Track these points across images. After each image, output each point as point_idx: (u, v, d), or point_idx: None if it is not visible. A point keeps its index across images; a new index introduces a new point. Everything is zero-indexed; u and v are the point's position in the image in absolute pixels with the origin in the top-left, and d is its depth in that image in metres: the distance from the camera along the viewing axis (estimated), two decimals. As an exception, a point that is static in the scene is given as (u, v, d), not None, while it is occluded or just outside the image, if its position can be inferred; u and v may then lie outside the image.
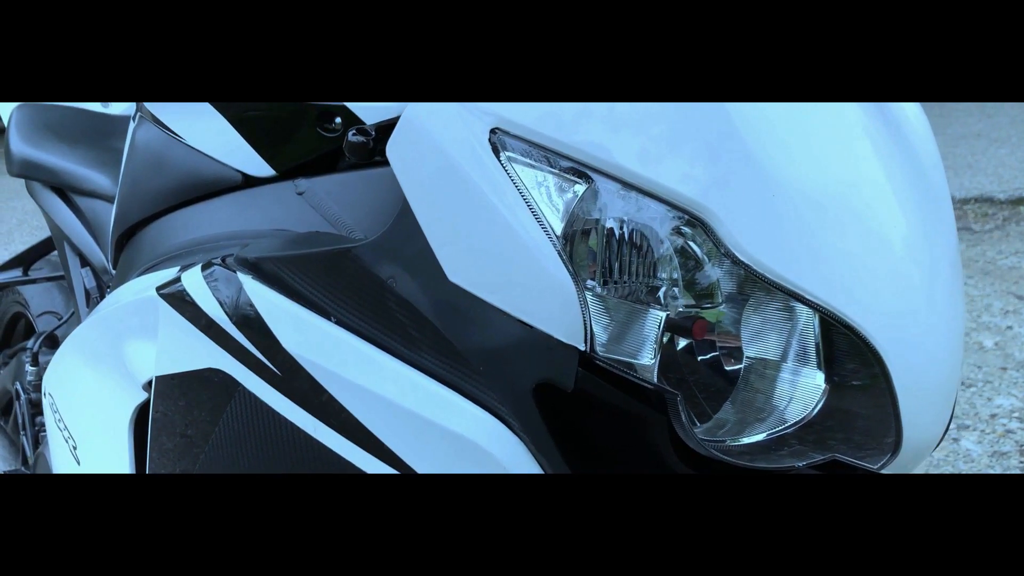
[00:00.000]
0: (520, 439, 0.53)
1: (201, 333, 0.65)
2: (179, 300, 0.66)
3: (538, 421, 0.51)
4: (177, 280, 0.67)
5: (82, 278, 1.24)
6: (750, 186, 0.51)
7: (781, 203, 0.51)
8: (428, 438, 0.54)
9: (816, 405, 0.56)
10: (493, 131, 0.51)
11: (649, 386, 0.51)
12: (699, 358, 0.57)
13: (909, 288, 0.55)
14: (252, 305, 0.61)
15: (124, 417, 0.78)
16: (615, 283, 0.51)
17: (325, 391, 0.58)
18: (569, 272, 0.49)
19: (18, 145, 1.34)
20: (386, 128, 0.57)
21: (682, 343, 0.57)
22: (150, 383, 0.72)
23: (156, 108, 0.87)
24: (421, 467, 0.55)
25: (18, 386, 1.34)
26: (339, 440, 0.58)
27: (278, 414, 0.61)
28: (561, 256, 0.49)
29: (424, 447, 0.55)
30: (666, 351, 0.55)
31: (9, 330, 1.64)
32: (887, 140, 0.59)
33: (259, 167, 0.76)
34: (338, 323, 0.58)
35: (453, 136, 0.51)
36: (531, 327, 0.50)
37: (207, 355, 0.65)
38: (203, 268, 0.65)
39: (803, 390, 0.57)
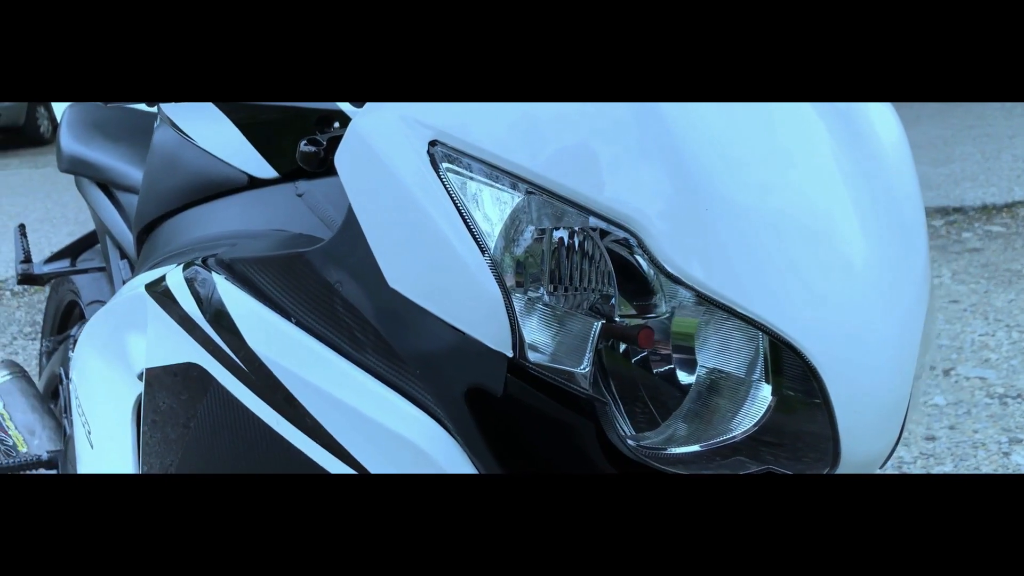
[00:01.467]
0: (456, 440, 0.54)
1: (181, 329, 0.68)
2: (163, 297, 0.70)
3: (470, 424, 0.53)
4: (163, 278, 0.71)
5: (120, 270, 1.30)
6: (682, 198, 0.51)
7: (715, 215, 0.51)
8: (373, 436, 0.56)
9: (761, 418, 0.56)
10: (432, 143, 0.52)
11: (581, 393, 0.52)
12: (655, 368, 0.58)
13: (852, 305, 0.54)
14: (223, 304, 0.64)
15: (127, 406, 0.82)
16: (548, 293, 0.52)
17: (284, 388, 0.60)
18: (497, 281, 0.50)
19: (68, 143, 1.41)
20: (338, 139, 0.59)
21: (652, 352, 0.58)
22: (143, 374, 0.76)
23: (171, 110, 0.91)
24: (370, 464, 0.57)
25: (62, 370, 1.42)
26: (299, 436, 0.61)
27: (247, 409, 0.64)
28: (490, 265, 0.51)
29: (370, 445, 0.57)
30: (613, 359, 0.56)
31: (65, 317, 1.73)
32: (843, 146, 0.58)
33: (263, 169, 0.80)
34: (297, 324, 0.60)
35: (394, 148, 0.53)
36: (463, 333, 0.52)
37: (186, 350, 0.68)
38: (184, 268, 0.69)
39: (750, 402, 0.57)
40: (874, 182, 0.58)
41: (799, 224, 0.54)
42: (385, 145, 0.54)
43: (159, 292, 0.72)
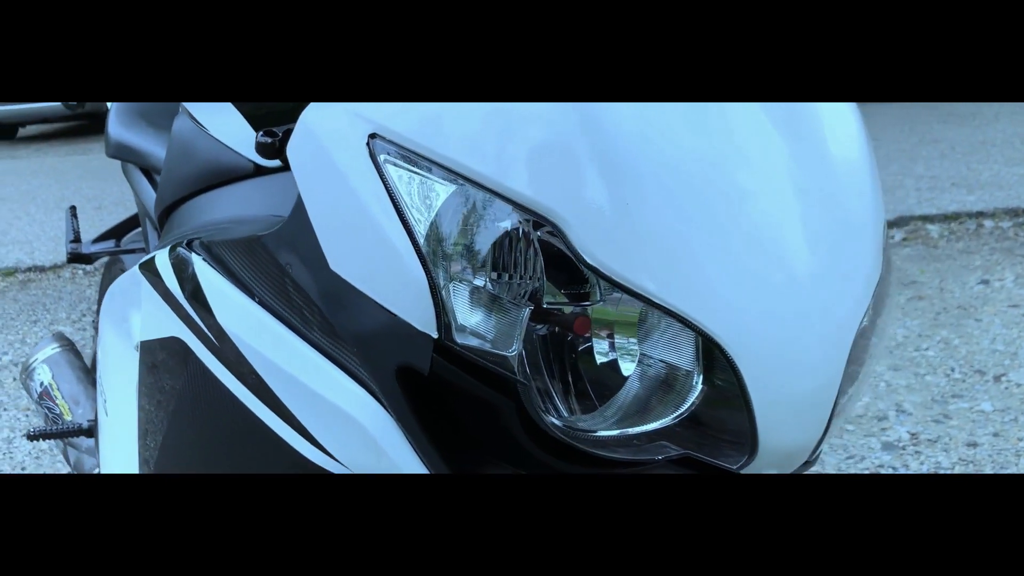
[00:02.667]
0: (391, 416, 0.57)
1: (166, 305, 0.73)
2: (152, 275, 0.75)
3: (401, 400, 0.56)
4: (153, 258, 0.76)
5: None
6: (604, 193, 0.53)
7: (637, 210, 0.53)
8: (319, 409, 0.60)
9: (689, 406, 0.58)
10: (372, 136, 0.55)
11: (504, 375, 0.54)
12: (600, 356, 0.60)
13: (775, 300, 0.55)
14: (199, 283, 0.69)
15: (131, 376, 0.88)
16: (478, 279, 0.55)
17: (248, 362, 0.64)
18: (423, 267, 0.53)
19: (115, 129, 1.49)
20: (291, 131, 0.62)
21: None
22: (139, 346, 0.82)
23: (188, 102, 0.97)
24: (317, 434, 0.61)
25: None
26: (260, 406, 0.65)
27: (218, 380, 0.68)
28: (417, 252, 0.54)
29: (317, 417, 0.61)
30: (555, 345, 0.58)
31: (116, 295, 1.83)
32: (784, 145, 0.59)
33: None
34: (260, 302, 0.64)
35: (337, 140, 0.56)
36: (394, 315, 0.55)
37: (170, 325, 0.73)
38: (170, 250, 0.74)
39: (684, 392, 0.58)
40: (816, 182, 0.59)
41: (724, 220, 0.55)
42: (329, 137, 0.57)
43: (149, 271, 0.77)
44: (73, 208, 1.67)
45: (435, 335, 0.54)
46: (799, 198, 0.58)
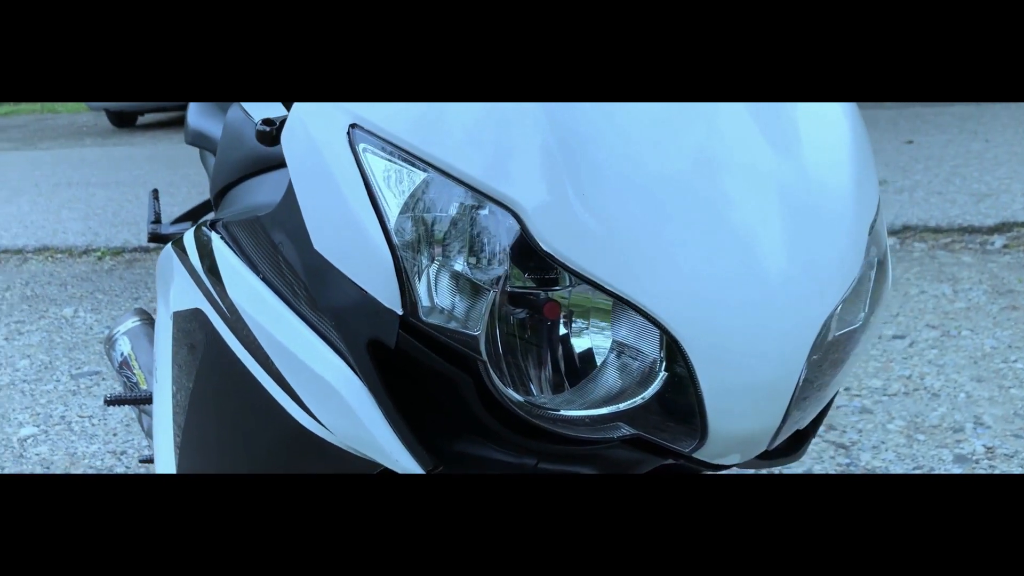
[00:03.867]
0: (364, 386, 0.61)
1: (190, 278, 0.79)
2: (181, 251, 0.81)
3: (372, 372, 0.59)
4: (182, 236, 0.82)
5: None
6: (563, 186, 0.55)
7: (596, 203, 0.55)
8: (306, 378, 0.64)
9: (652, 392, 0.59)
10: (352, 126, 0.59)
11: (467, 352, 0.57)
12: (573, 338, 0.62)
13: (728, 290, 0.56)
14: (215, 260, 0.74)
15: (169, 344, 0.95)
16: (443, 262, 0.57)
17: (252, 333, 0.69)
18: (390, 248, 0.57)
19: (193, 119, 1.59)
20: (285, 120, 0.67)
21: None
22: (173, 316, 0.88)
23: None
24: (308, 403, 0.65)
25: None
26: (262, 374, 0.69)
27: (230, 349, 0.73)
28: (385, 234, 0.57)
29: (306, 386, 0.65)
30: (530, 326, 0.60)
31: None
32: (752, 141, 0.59)
33: None
34: (262, 278, 0.69)
35: (322, 129, 0.60)
36: (365, 292, 0.58)
37: (193, 297, 0.79)
38: (196, 228, 0.80)
39: (648, 377, 0.60)
40: (784, 179, 0.59)
41: (681, 213, 0.56)
42: (316, 127, 0.61)
43: (179, 248, 0.83)
44: (155, 191, 1.78)
45: (400, 312, 0.57)
46: (763, 193, 0.58)
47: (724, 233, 0.57)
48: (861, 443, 2.20)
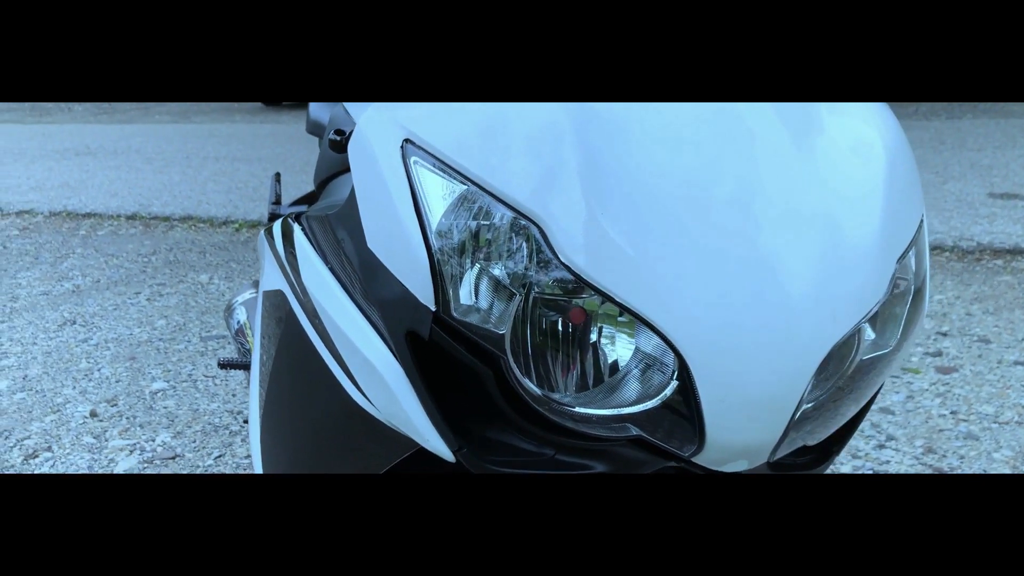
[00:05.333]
0: (403, 371, 0.68)
1: (275, 262, 0.88)
2: (270, 238, 0.91)
3: (408, 359, 0.66)
4: (272, 225, 0.92)
5: None
6: (583, 202, 0.60)
7: (613, 219, 0.59)
8: (359, 361, 0.72)
9: (663, 399, 0.63)
10: (406, 141, 0.66)
11: (490, 348, 0.63)
12: (601, 344, 0.66)
13: (736, 309, 0.59)
14: (295, 248, 0.83)
15: (259, 322, 1.05)
16: (475, 266, 0.63)
17: (319, 316, 0.77)
18: (427, 250, 0.63)
19: (314, 109, 1.71)
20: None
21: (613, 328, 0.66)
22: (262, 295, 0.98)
23: None
24: (360, 382, 0.73)
25: None
26: (326, 352, 0.77)
27: (302, 329, 0.82)
28: (424, 237, 0.63)
29: (359, 368, 0.72)
30: (559, 329, 0.66)
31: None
32: (777, 160, 0.62)
33: None
34: (330, 268, 0.77)
35: (380, 143, 0.67)
36: (405, 288, 0.65)
37: (276, 279, 0.88)
38: (283, 220, 0.89)
39: (660, 384, 0.64)
40: (806, 200, 0.61)
41: (697, 233, 0.59)
42: (376, 140, 0.68)
43: (269, 235, 0.93)
44: (277, 175, 1.92)
45: (433, 308, 0.63)
46: (787, 221, 0.61)
47: (739, 257, 0.60)
48: (961, 469, 2.12)
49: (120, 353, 3.06)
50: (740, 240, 0.60)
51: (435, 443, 0.67)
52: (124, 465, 2.27)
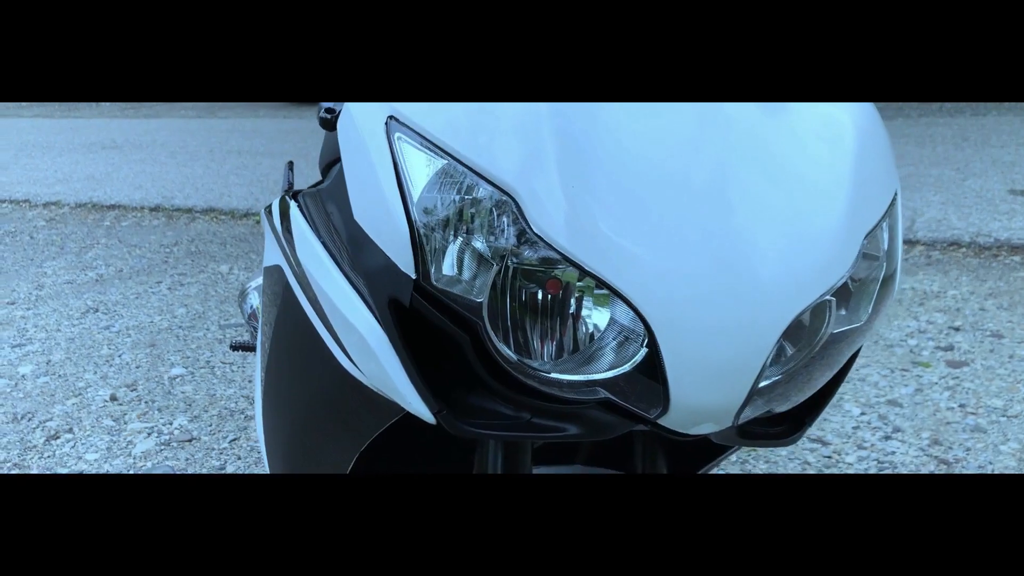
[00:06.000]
0: (387, 337, 0.71)
1: (274, 239, 0.92)
2: (269, 216, 0.95)
3: (392, 326, 0.69)
4: (271, 204, 0.95)
5: None
6: (557, 176, 0.63)
7: (582, 191, 0.62)
8: (347, 328, 0.75)
9: (632, 365, 0.66)
10: (390, 118, 0.69)
11: (467, 315, 0.66)
12: (581, 312, 0.69)
13: (700, 279, 0.61)
14: (291, 224, 0.87)
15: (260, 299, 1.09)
16: (453, 236, 0.66)
17: (311, 288, 0.81)
18: (408, 221, 0.66)
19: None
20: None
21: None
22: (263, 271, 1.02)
23: None
24: (349, 349, 0.76)
25: None
26: (318, 322, 0.81)
27: (297, 301, 0.86)
28: (406, 209, 0.66)
29: (347, 335, 0.76)
30: (531, 298, 0.68)
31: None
32: (746, 143, 0.64)
33: None
34: (321, 242, 0.81)
35: (366, 120, 0.71)
36: (388, 257, 0.68)
37: (275, 255, 0.92)
38: (281, 198, 0.93)
39: (630, 351, 0.67)
40: (771, 178, 0.64)
41: (665, 208, 0.62)
42: (362, 117, 0.71)
43: (268, 213, 0.97)
44: (290, 163, 1.96)
45: (413, 276, 0.67)
46: (752, 195, 0.63)
47: (706, 230, 0.62)
48: (967, 461, 2.13)
49: (141, 340, 3.12)
50: (708, 214, 0.62)
51: (417, 406, 0.70)
52: (142, 447, 2.33)
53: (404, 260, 0.67)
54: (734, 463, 2.17)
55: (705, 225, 0.62)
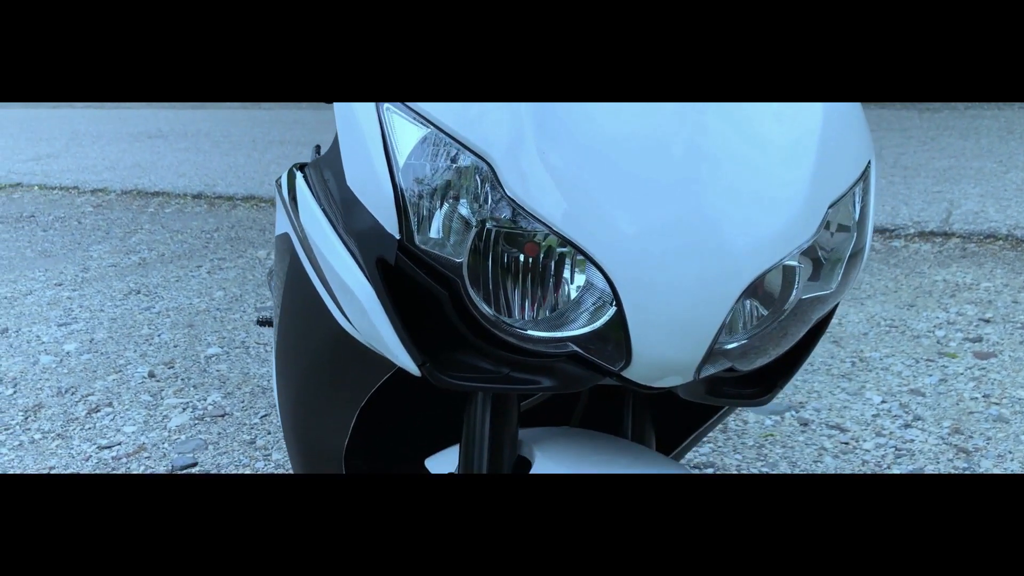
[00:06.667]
0: (375, 294, 0.76)
1: (283, 209, 0.98)
2: (279, 187, 1.00)
3: (380, 283, 0.74)
4: (281, 176, 1.01)
5: None
6: (533, 143, 0.66)
7: (554, 157, 0.66)
8: (340, 287, 0.80)
9: (601, 323, 0.70)
10: None
11: (447, 273, 0.71)
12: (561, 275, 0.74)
13: (663, 241, 0.65)
14: (296, 193, 0.92)
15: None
16: (435, 200, 0.71)
17: (312, 251, 0.86)
18: (393, 185, 0.71)
19: None
20: None
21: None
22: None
23: None
24: (344, 308, 0.81)
25: None
26: (318, 283, 0.86)
27: (302, 266, 0.91)
28: (391, 174, 0.71)
29: (342, 294, 0.81)
30: (511, 260, 0.72)
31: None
32: (706, 120, 0.68)
33: None
34: (320, 207, 0.86)
35: None
36: (375, 219, 0.73)
37: (284, 223, 0.97)
38: (289, 170, 0.98)
39: (600, 310, 0.71)
40: (736, 149, 0.67)
41: (634, 173, 0.65)
42: None
43: (278, 184, 1.03)
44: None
45: (398, 237, 0.71)
46: (716, 157, 0.66)
47: (671, 196, 0.65)
48: (986, 450, 2.12)
49: (179, 321, 3.23)
50: (676, 180, 0.66)
51: (403, 359, 0.75)
52: (176, 421, 2.42)
53: (389, 222, 0.71)
54: (751, 447, 2.19)
55: (672, 189, 0.66)
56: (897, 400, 2.40)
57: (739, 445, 2.20)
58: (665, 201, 0.66)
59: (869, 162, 0.78)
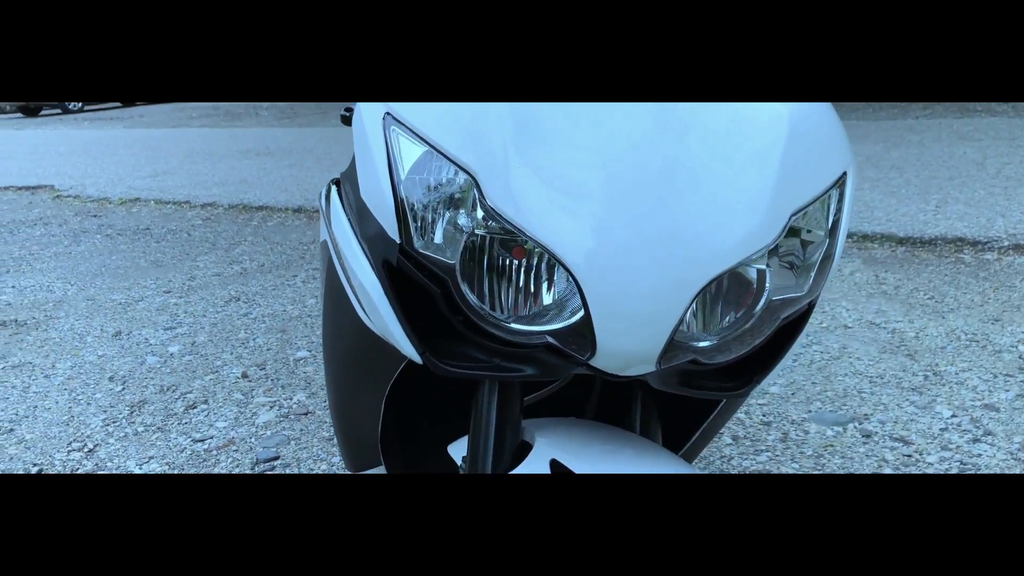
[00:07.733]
0: (383, 291, 0.86)
1: (323, 219, 1.10)
2: (320, 199, 1.13)
3: (386, 282, 0.85)
4: (323, 189, 1.14)
5: None
6: (510, 158, 0.76)
7: (528, 169, 0.75)
8: (359, 286, 0.91)
9: (574, 319, 0.79)
10: (386, 114, 0.84)
11: (440, 274, 0.81)
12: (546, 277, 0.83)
13: (626, 245, 0.72)
14: (330, 204, 1.04)
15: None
16: (431, 209, 0.81)
17: (342, 255, 0.98)
18: (394, 195, 0.81)
19: None
20: None
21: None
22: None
23: None
24: (363, 305, 0.92)
25: None
26: (347, 286, 0.98)
27: (335, 270, 1.03)
28: (392, 186, 0.81)
29: (359, 291, 0.92)
30: (500, 263, 0.82)
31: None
32: (677, 128, 0.75)
33: None
34: (347, 216, 0.97)
35: (370, 116, 0.86)
36: (381, 225, 0.84)
37: (324, 232, 1.10)
38: (328, 184, 1.10)
39: (574, 308, 0.79)
40: (704, 158, 0.74)
41: (604, 182, 0.73)
42: (367, 114, 0.87)
43: (320, 197, 1.15)
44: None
45: (398, 240, 0.82)
46: (683, 165, 0.73)
47: (635, 199, 0.73)
48: (1058, 467, 2.07)
49: (273, 326, 3.44)
50: (640, 189, 0.73)
51: (407, 348, 0.85)
52: (264, 418, 2.60)
53: (392, 228, 0.82)
54: (809, 456, 2.19)
55: (638, 196, 0.73)
56: (968, 414, 2.36)
57: (797, 455, 2.21)
58: (630, 208, 0.73)
59: (845, 173, 0.84)
